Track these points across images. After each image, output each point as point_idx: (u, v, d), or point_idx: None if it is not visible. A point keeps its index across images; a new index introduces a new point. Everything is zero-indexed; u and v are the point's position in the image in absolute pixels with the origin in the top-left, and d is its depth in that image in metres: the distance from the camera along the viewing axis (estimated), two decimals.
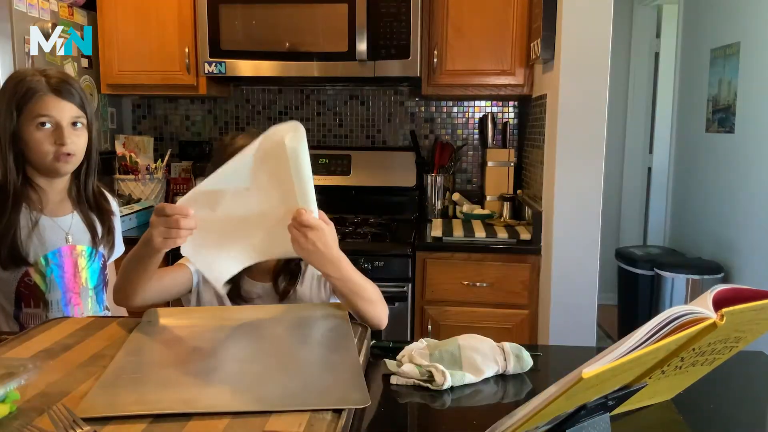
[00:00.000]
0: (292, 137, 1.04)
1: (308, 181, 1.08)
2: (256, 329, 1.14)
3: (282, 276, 1.36)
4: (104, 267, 1.54)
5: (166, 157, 2.84)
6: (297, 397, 0.84)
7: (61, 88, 1.36)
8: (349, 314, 1.21)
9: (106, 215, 1.52)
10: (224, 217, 1.11)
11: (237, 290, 1.35)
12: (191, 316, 1.19)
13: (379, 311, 1.25)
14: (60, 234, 1.43)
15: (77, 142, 1.38)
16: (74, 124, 1.38)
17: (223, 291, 1.32)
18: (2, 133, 1.35)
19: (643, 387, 0.76)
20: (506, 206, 2.75)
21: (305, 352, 1.07)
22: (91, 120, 1.42)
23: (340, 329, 1.12)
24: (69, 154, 1.36)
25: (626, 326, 3.63)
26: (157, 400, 0.83)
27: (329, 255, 1.14)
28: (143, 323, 1.13)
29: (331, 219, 1.15)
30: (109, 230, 1.52)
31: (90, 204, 1.48)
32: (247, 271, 1.33)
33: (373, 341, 1.19)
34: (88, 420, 0.77)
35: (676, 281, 3.24)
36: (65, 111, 1.36)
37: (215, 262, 1.16)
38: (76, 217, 1.46)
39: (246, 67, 2.53)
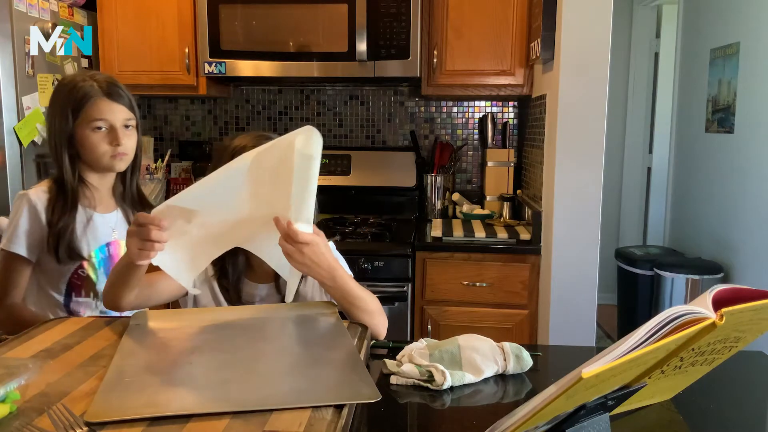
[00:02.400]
0: (305, 144, 1.02)
1: (311, 193, 1.06)
2: (251, 329, 1.13)
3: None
4: None
5: (166, 157, 2.84)
6: (304, 395, 0.84)
7: (112, 91, 1.45)
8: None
9: (147, 211, 1.58)
10: (203, 226, 1.09)
11: (237, 294, 1.33)
12: (181, 318, 1.17)
13: (376, 322, 1.24)
14: (108, 229, 1.52)
15: (129, 143, 1.47)
16: (126, 126, 1.47)
17: (216, 293, 1.33)
18: (58, 136, 1.44)
19: (643, 387, 0.76)
20: (506, 206, 2.75)
21: (303, 350, 1.07)
22: (138, 121, 1.52)
23: (333, 326, 1.12)
24: (124, 154, 1.46)
25: (626, 326, 3.63)
26: (157, 402, 0.83)
27: (325, 265, 1.14)
28: (131, 326, 1.12)
29: (330, 219, 1.15)
30: None
31: (133, 201, 1.58)
32: (248, 274, 1.33)
33: (373, 341, 1.20)
34: (93, 425, 0.77)
35: (676, 281, 3.24)
36: (118, 113, 1.45)
37: (185, 267, 1.14)
38: (120, 214, 1.56)
39: (246, 68, 2.53)
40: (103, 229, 1.51)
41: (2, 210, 2.21)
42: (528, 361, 1.08)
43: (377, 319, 1.24)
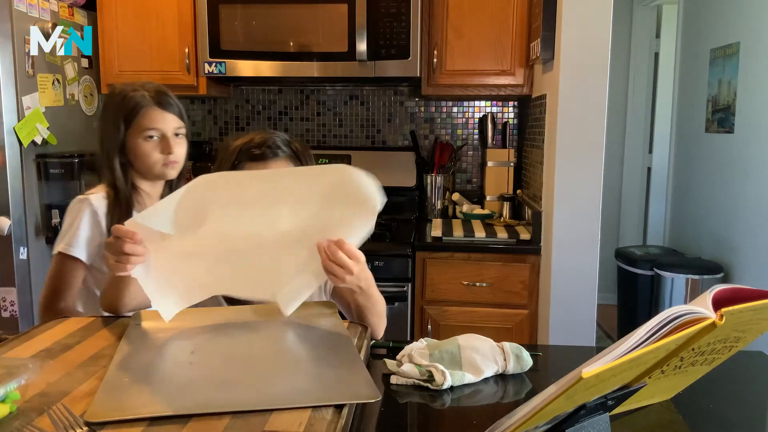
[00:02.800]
0: (375, 206, 1.03)
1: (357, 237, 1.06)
2: (251, 329, 1.13)
3: None
4: None
5: None
6: (304, 395, 0.84)
7: (162, 100, 1.48)
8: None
9: None
10: (198, 240, 1.05)
11: None
12: (181, 317, 1.16)
13: (381, 326, 1.27)
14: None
15: (180, 151, 1.51)
16: (176, 134, 1.50)
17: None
18: (110, 145, 1.48)
19: (643, 387, 0.76)
20: (506, 206, 2.75)
21: (303, 350, 1.07)
22: (188, 128, 1.55)
23: (333, 326, 1.12)
24: (175, 162, 1.50)
25: (626, 326, 3.63)
26: (157, 402, 0.83)
27: (367, 275, 1.16)
28: (131, 326, 1.12)
29: None
30: None
31: None
32: None
33: (373, 341, 1.20)
34: (93, 425, 0.77)
35: (676, 281, 3.24)
36: (169, 122, 1.49)
37: (174, 293, 1.08)
38: None
39: (246, 68, 2.54)
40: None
41: (2, 210, 2.21)
42: (528, 361, 1.08)
43: (382, 323, 1.27)
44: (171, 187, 1.58)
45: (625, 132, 4.46)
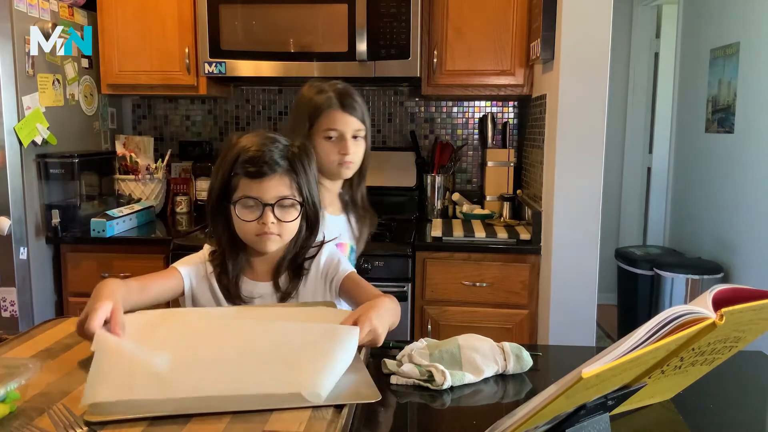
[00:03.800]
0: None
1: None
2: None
3: (284, 276, 1.32)
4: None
5: (167, 157, 2.84)
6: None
7: (346, 102, 1.53)
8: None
9: (369, 218, 1.67)
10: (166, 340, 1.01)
11: (236, 292, 1.32)
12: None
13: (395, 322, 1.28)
14: (335, 231, 1.55)
15: (357, 152, 1.55)
16: (355, 136, 1.54)
17: (216, 291, 1.31)
18: (297, 140, 1.51)
19: (643, 387, 0.76)
20: (506, 206, 2.75)
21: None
22: (368, 131, 1.58)
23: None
24: (350, 162, 1.54)
25: (626, 326, 3.63)
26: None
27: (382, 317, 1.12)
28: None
29: None
30: (364, 231, 1.67)
31: (357, 206, 1.65)
32: (248, 272, 1.33)
33: None
34: (93, 424, 0.77)
35: (676, 281, 3.24)
36: (349, 125, 1.53)
37: (112, 381, 0.88)
38: (343, 218, 1.63)
39: (246, 68, 2.53)
40: (332, 227, 1.55)
41: (2, 210, 2.21)
42: (528, 361, 1.08)
43: (397, 317, 1.27)
44: (351, 188, 1.64)
45: (625, 132, 4.46)
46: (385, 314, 1.13)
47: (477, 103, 2.99)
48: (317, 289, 1.34)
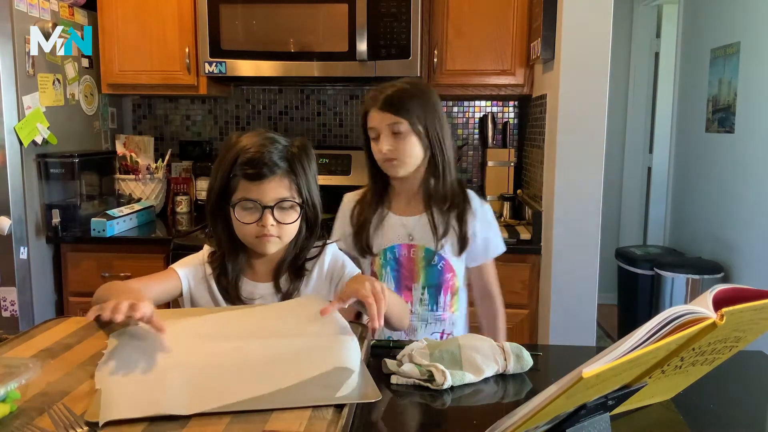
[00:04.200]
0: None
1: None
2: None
3: (285, 277, 1.32)
4: (449, 269, 1.56)
5: (167, 157, 2.84)
6: (304, 394, 0.84)
7: (384, 102, 1.49)
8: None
9: (462, 215, 1.55)
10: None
11: (236, 292, 1.31)
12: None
13: (405, 320, 1.30)
14: (402, 231, 1.55)
15: (398, 147, 1.49)
16: (396, 133, 1.48)
17: (214, 292, 1.31)
18: (365, 146, 1.56)
19: (643, 387, 0.76)
20: (506, 206, 2.75)
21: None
22: (412, 126, 1.48)
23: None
24: (393, 159, 1.49)
25: (626, 326, 3.63)
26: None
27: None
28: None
29: (331, 219, 1.13)
30: (463, 231, 1.54)
31: (446, 203, 1.54)
32: (247, 272, 1.33)
33: (373, 341, 1.19)
34: (93, 424, 0.77)
35: (676, 281, 3.24)
36: (383, 120, 1.49)
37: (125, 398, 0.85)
38: (424, 218, 1.54)
39: (246, 67, 2.53)
40: (396, 230, 1.55)
41: (2, 210, 2.21)
42: (528, 361, 1.08)
43: (405, 319, 1.30)
44: (428, 185, 1.56)
45: (625, 132, 4.46)
46: (388, 292, 1.14)
47: (477, 102, 2.99)
48: (321, 291, 1.33)
